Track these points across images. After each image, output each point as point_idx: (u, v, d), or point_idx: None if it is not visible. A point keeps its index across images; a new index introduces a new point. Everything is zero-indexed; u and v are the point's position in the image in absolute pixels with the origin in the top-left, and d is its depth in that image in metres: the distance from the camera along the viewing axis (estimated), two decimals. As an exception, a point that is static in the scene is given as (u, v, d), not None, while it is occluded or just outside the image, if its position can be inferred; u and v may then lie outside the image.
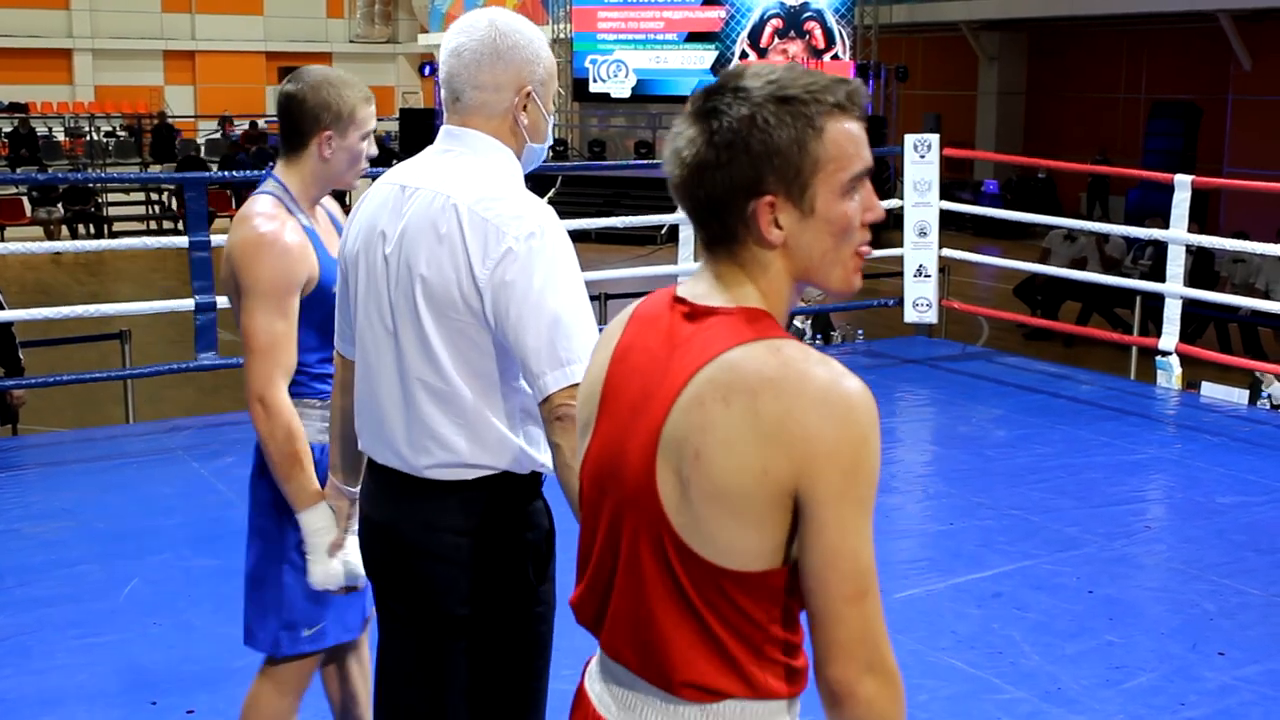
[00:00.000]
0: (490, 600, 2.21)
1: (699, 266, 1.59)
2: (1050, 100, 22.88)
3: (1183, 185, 7.34)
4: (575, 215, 8.82)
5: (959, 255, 9.08)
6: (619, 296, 7.94)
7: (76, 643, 4.11)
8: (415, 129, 19.66)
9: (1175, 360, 7.43)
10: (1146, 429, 6.79)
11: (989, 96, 23.51)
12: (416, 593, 2.27)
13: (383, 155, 16.38)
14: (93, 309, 7.04)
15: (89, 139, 25.70)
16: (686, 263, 8.01)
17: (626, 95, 22.87)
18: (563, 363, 2.03)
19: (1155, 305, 8.54)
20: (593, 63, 22.85)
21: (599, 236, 15.20)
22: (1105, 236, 12.77)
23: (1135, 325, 10.21)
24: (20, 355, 7.00)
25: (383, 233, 2.22)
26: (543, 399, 2.07)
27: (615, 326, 1.67)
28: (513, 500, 2.21)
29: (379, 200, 2.28)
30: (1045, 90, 23.00)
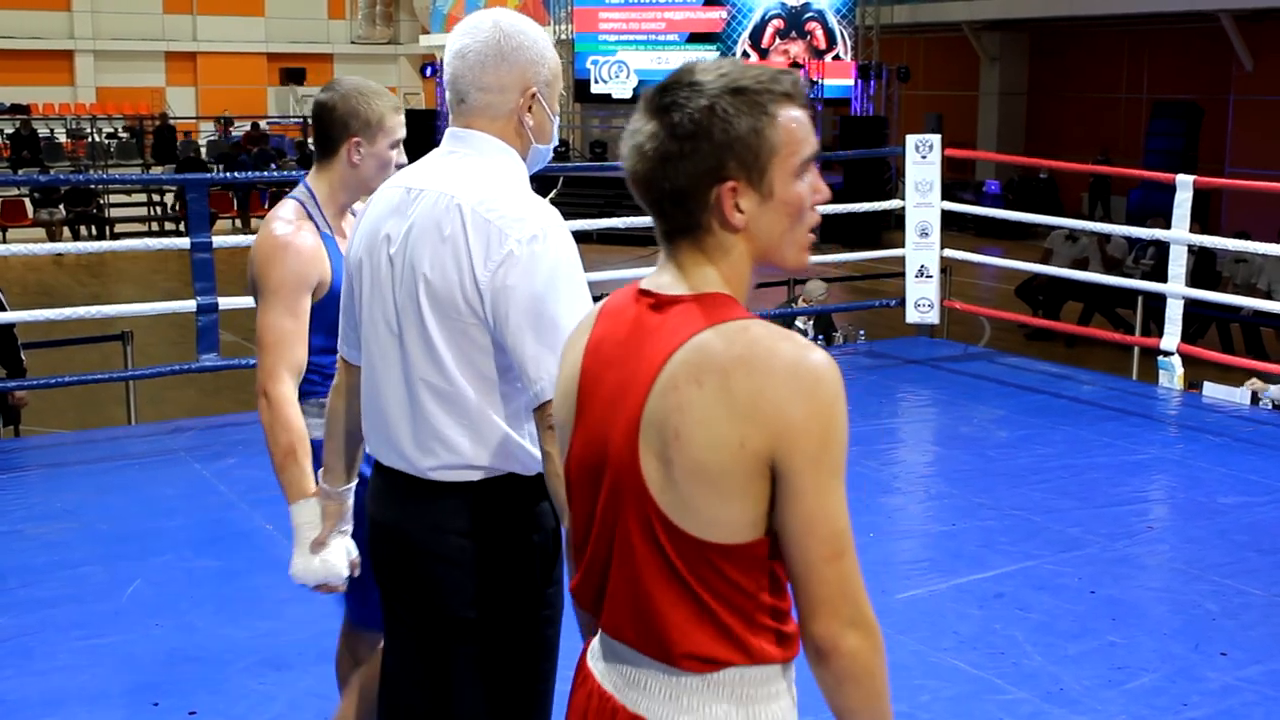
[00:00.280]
0: (497, 602, 2.21)
1: (660, 260, 1.67)
2: (1052, 100, 22.88)
3: (1184, 185, 7.33)
4: (576, 216, 8.80)
5: (961, 256, 9.08)
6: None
7: (79, 644, 4.11)
8: (417, 130, 19.67)
9: (1177, 360, 7.42)
10: (1148, 429, 6.78)
11: (990, 97, 23.52)
12: (423, 595, 2.27)
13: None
14: (94, 310, 7.04)
15: (90, 140, 25.72)
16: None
17: (628, 96, 22.85)
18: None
19: (1157, 305, 8.54)
20: (594, 64, 22.87)
21: (600, 237, 15.22)
22: (1107, 237, 12.77)
23: (1137, 325, 10.21)
24: (22, 356, 7.01)
25: (387, 235, 2.22)
26: (536, 406, 2.08)
27: (583, 325, 1.74)
28: (519, 502, 2.20)
29: (384, 203, 2.28)
30: (1047, 90, 23.00)
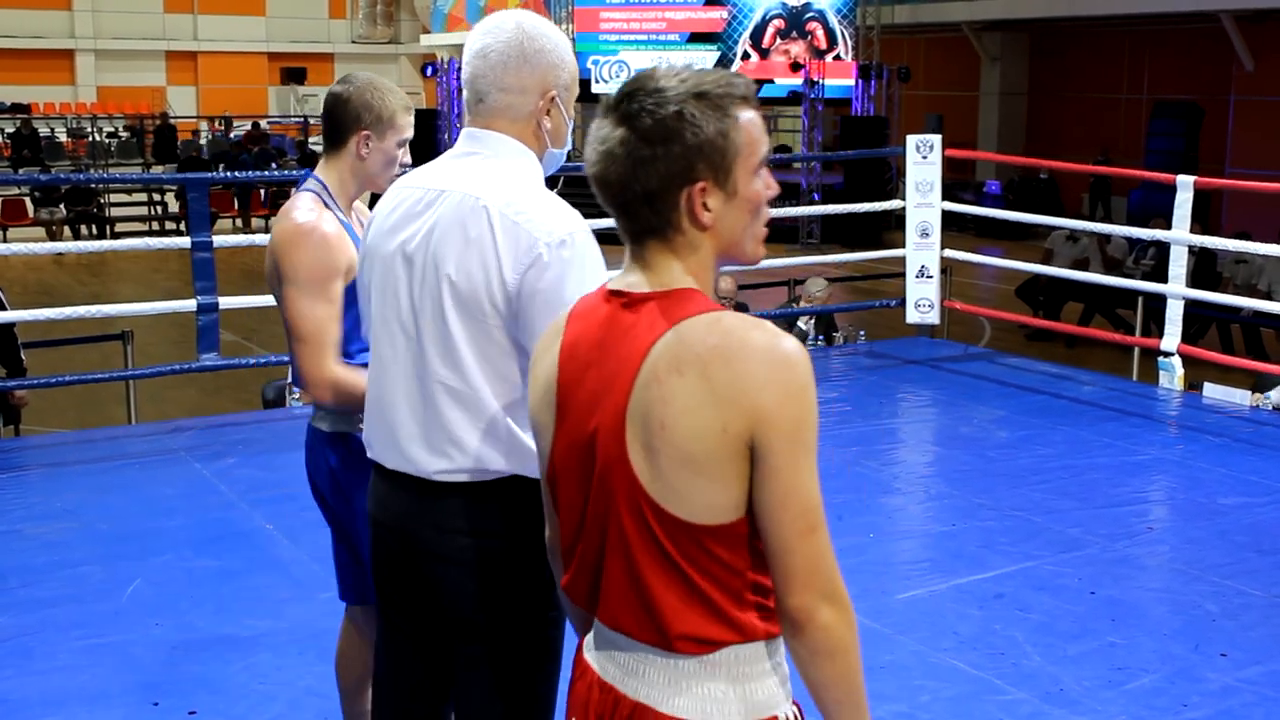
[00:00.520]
0: (503, 605, 2.20)
1: (626, 261, 1.74)
2: (1052, 101, 22.88)
3: (1185, 186, 7.33)
4: (577, 216, 8.81)
5: (961, 256, 9.07)
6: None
7: (79, 643, 4.11)
8: (417, 130, 19.65)
9: (1177, 361, 7.42)
10: (1148, 430, 6.78)
11: (991, 97, 23.52)
12: (428, 597, 2.26)
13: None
14: (95, 310, 7.04)
15: (91, 140, 25.73)
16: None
17: (629, 96, 22.83)
18: None
19: (1157, 306, 8.54)
20: (595, 63, 22.85)
21: (601, 237, 15.20)
22: (1107, 237, 12.78)
23: (1137, 326, 10.22)
24: (22, 356, 7.01)
25: (403, 235, 2.22)
26: None
27: (553, 331, 1.81)
28: (525, 503, 2.19)
29: (398, 202, 2.27)
30: (1047, 91, 23.01)
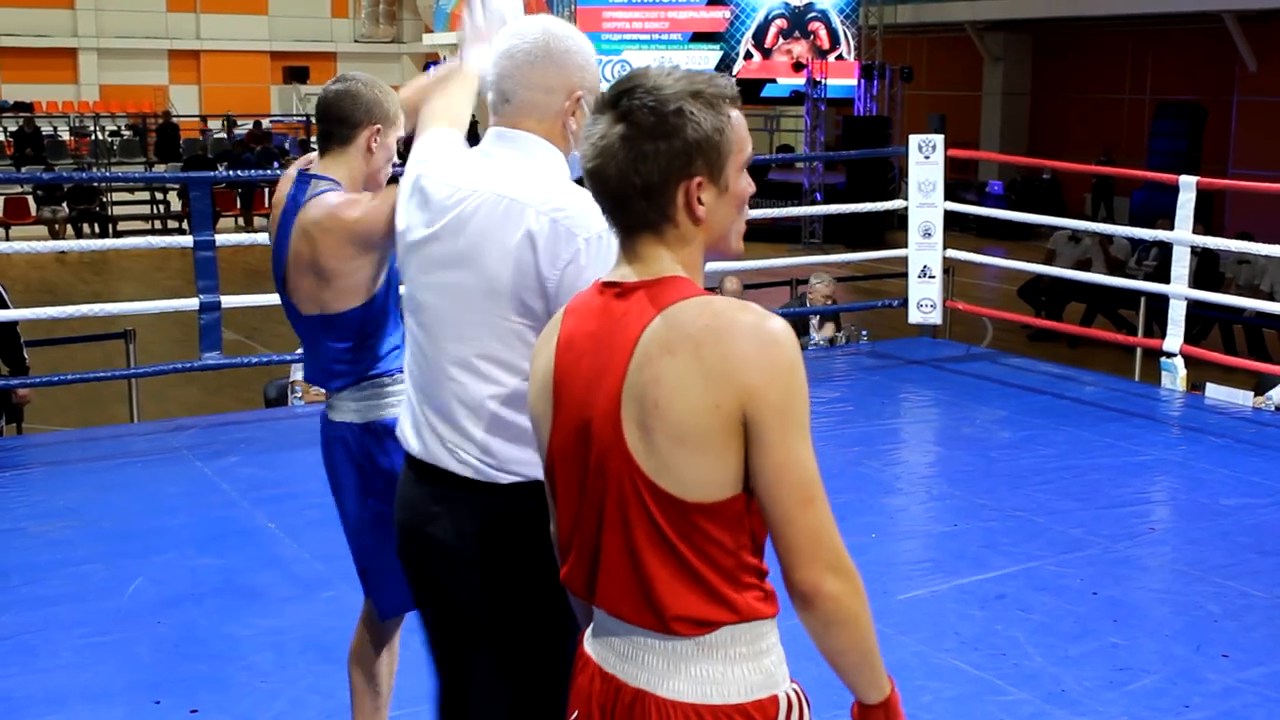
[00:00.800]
0: (519, 605, 2.21)
1: (619, 254, 1.80)
2: (1055, 101, 22.87)
3: (1188, 186, 7.32)
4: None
5: (963, 256, 9.07)
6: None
7: (81, 641, 4.12)
8: (420, 129, 19.64)
9: (1180, 362, 7.41)
10: (1151, 430, 6.78)
11: (994, 97, 23.51)
12: (447, 595, 2.28)
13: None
14: (97, 308, 7.04)
15: (94, 138, 25.70)
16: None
17: (631, 95, 22.83)
18: None
19: (1160, 306, 8.53)
20: (598, 63, 22.83)
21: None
22: (1110, 237, 12.77)
23: (1140, 326, 10.21)
24: (25, 354, 7.01)
25: (432, 233, 2.23)
26: None
27: (551, 327, 1.86)
28: (543, 505, 2.20)
29: (425, 198, 2.27)
30: (1050, 91, 22.99)
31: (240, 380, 9.56)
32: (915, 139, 8.50)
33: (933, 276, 8.42)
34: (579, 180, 1.97)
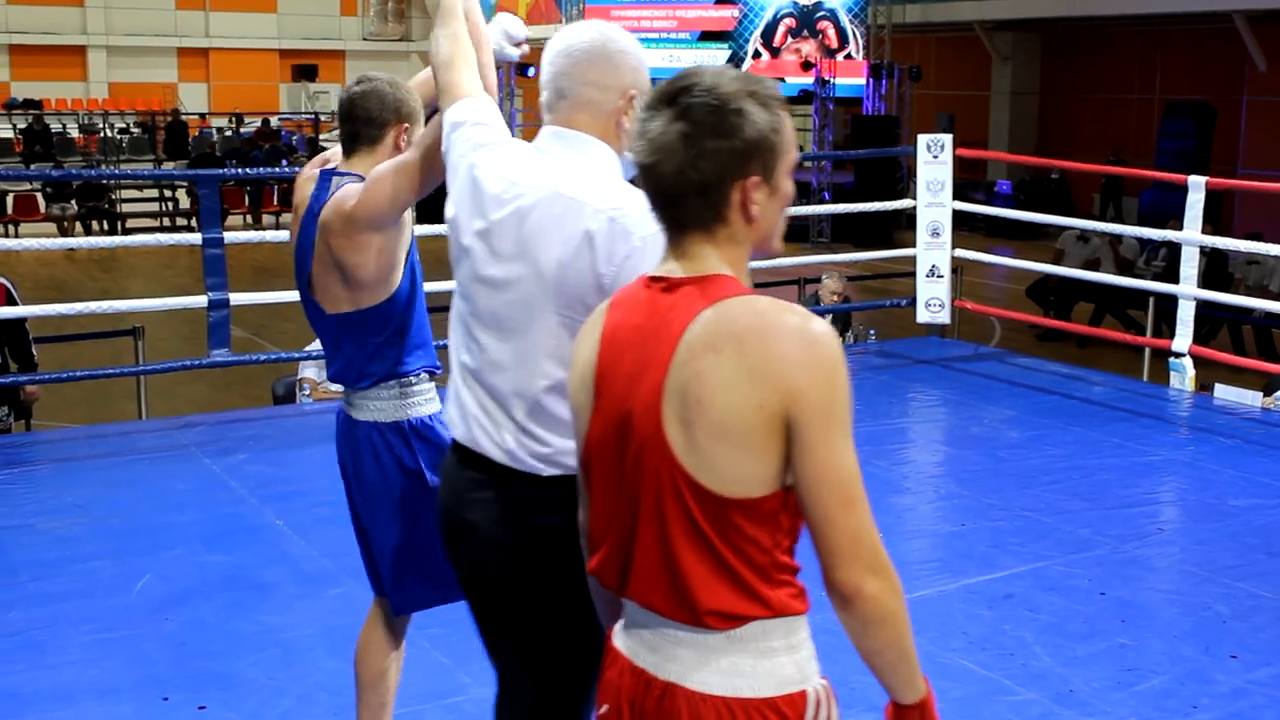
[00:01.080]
0: (550, 596, 2.25)
1: (665, 250, 1.80)
2: (1064, 100, 22.82)
3: (1197, 186, 7.31)
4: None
5: (972, 256, 9.06)
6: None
7: (89, 638, 4.13)
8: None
9: (1188, 362, 7.40)
10: (1159, 431, 6.77)
11: (1002, 96, 23.46)
12: (482, 579, 2.34)
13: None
14: (106, 305, 7.07)
15: (103, 135, 25.74)
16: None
17: (640, 94, 22.83)
18: None
19: (1168, 307, 8.51)
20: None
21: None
22: (1119, 237, 12.75)
23: (1148, 326, 10.19)
24: (34, 351, 7.03)
25: (488, 228, 2.26)
26: None
27: (595, 318, 1.87)
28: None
29: (481, 193, 2.30)
30: (1059, 90, 22.95)
31: (248, 377, 9.56)
32: (924, 138, 8.49)
33: (941, 276, 8.41)
34: (632, 180, 2.00)
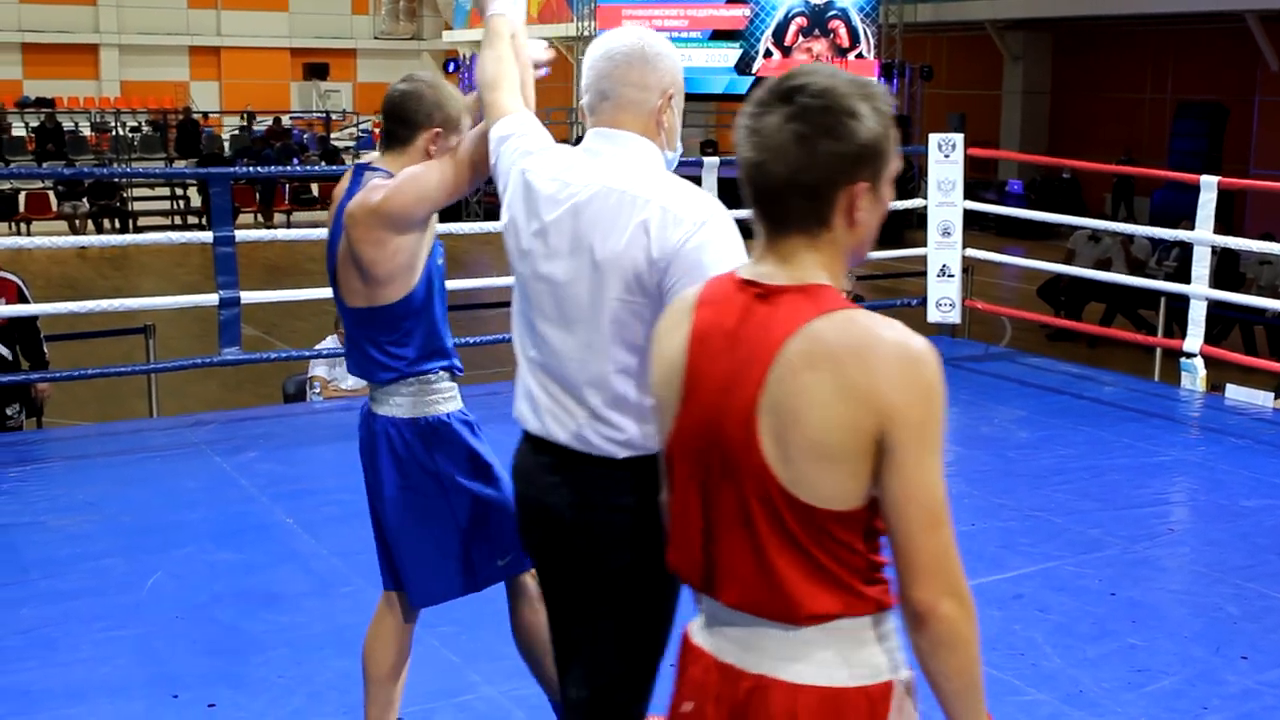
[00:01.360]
0: (625, 579, 2.35)
1: (758, 250, 1.76)
2: (1075, 100, 22.77)
3: (1209, 186, 7.29)
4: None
5: (983, 255, 9.04)
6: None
7: (101, 635, 4.14)
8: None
9: (1200, 362, 7.38)
10: (1170, 431, 6.75)
11: (1014, 96, 23.42)
12: (560, 567, 2.44)
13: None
14: (117, 303, 7.09)
15: (114, 134, 25.84)
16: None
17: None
18: None
19: (1180, 306, 8.49)
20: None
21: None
22: (1130, 237, 12.71)
23: (1160, 326, 10.17)
24: (45, 349, 7.05)
25: (539, 225, 2.37)
26: None
27: (678, 312, 1.83)
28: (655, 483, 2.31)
29: (528, 194, 2.40)
30: (1070, 90, 22.90)
31: (259, 376, 9.58)
32: (935, 138, 8.48)
33: (952, 275, 8.40)
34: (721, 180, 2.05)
